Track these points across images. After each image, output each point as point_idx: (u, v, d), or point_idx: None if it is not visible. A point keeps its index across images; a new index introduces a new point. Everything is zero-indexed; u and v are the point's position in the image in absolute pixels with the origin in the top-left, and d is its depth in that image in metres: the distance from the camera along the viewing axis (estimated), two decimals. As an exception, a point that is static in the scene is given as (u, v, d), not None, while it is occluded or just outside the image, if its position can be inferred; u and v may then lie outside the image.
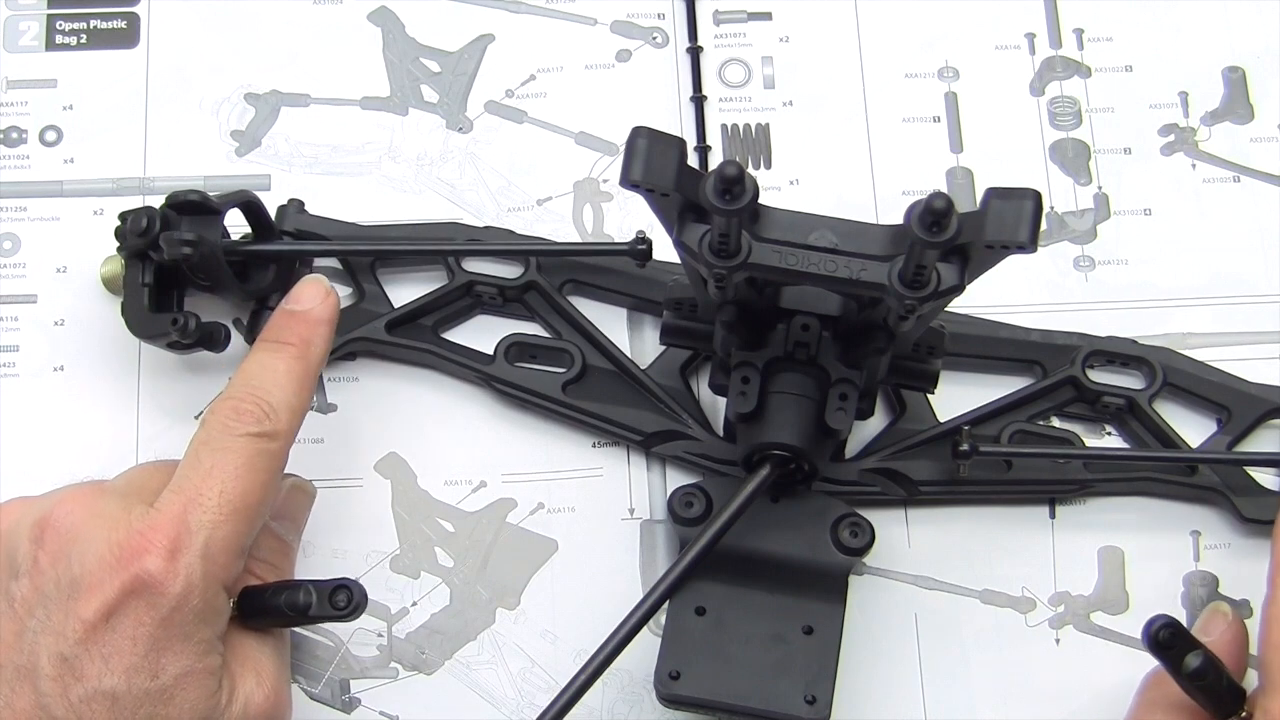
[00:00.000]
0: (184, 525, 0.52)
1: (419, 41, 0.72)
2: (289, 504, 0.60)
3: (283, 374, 0.57)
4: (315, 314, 0.59)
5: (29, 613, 0.52)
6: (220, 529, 0.53)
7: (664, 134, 0.52)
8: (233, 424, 0.55)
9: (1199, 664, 0.53)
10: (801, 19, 0.73)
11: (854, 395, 0.58)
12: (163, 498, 0.53)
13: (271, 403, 0.56)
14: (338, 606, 0.54)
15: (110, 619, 0.51)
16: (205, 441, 0.55)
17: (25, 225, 0.69)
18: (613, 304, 0.67)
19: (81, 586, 0.51)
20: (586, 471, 0.65)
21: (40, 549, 0.53)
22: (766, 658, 0.58)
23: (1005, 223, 0.51)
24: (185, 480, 0.54)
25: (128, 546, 0.52)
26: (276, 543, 0.59)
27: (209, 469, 0.54)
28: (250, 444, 0.55)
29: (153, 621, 0.51)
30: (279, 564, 0.58)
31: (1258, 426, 0.65)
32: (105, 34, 0.72)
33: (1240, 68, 0.72)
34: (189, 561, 0.52)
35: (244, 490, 0.54)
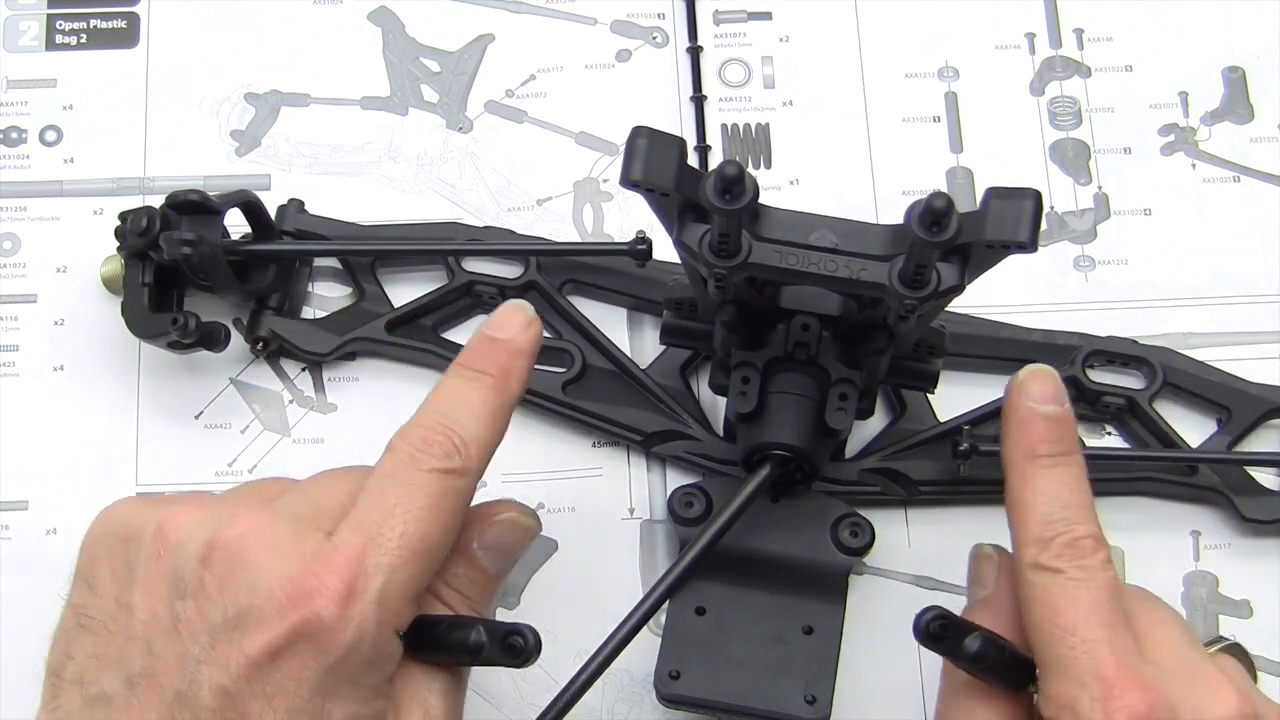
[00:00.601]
0: (361, 568, 0.49)
1: (419, 41, 0.72)
2: (505, 536, 0.55)
3: (478, 406, 0.53)
4: (517, 343, 0.55)
5: (193, 638, 0.49)
6: (398, 573, 0.50)
7: (664, 134, 0.52)
8: (420, 456, 0.52)
9: (977, 647, 0.51)
10: (801, 19, 0.73)
11: (854, 395, 0.58)
12: (341, 533, 0.50)
13: (464, 436, 0.52)
14: (511, 651, 0.51)
15: (276, 659, 0.48)
16: (391, 474, 0.51)
17: (25, 225, 0.69)
18: (613, 304, 0.67)
19: (249, 620, 0.48)
20: (586, 471, 0.65)
21: (208, 571, 0.49)
22: (766, 658, 0.58)
23: (1005, 222, 0.51)
24: (366, 515, 0.50)
25: (300, 585, 0.48)
26: (478, 574, 0.54)
27: (392, 506, 0.51)
28: (437, 481, 0.51)
29: (320, 667, 0.48)
30: (475, 597, 0.54)
31: (1258, 426, 0.65)
32: (105, 34, 0.72)
33: (1240, 68, 0.72)
34: (363, 608, 0.49)
35: (426, 532, 0.50)
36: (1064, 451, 0.54)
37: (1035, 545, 0.52)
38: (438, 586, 0.53)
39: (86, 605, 0.52)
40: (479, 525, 0.54)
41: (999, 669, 0.52)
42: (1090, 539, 0.52)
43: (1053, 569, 0.52)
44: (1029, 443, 0.54)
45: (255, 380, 0.66)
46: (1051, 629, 0.51)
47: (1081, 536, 0.52)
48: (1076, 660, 0.50)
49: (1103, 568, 0.52)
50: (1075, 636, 0.50)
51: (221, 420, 0.66)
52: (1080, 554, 0.52)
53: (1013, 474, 0.54)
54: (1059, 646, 0.51)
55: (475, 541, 0.54)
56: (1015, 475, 0.54)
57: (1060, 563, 0.52)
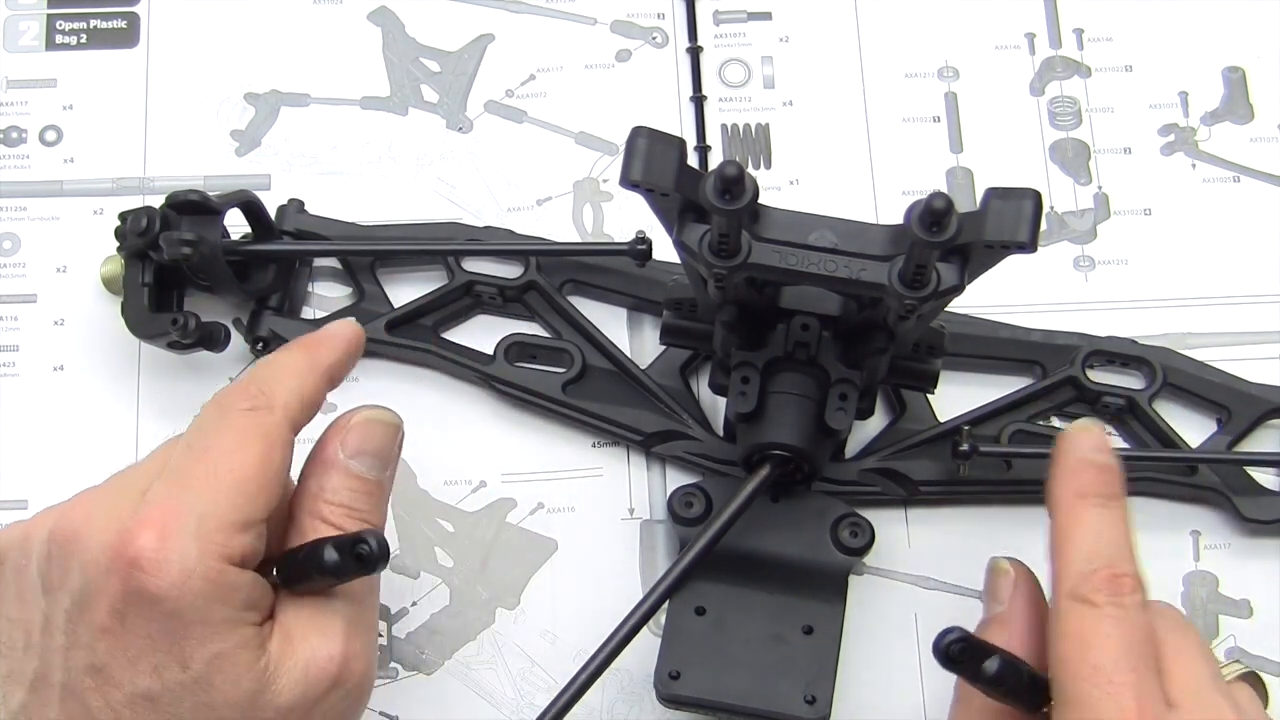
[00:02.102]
0: (171, 511, 0.51)
1: (419, 41, 0.72)
2: (365, 436, 0.56)
3: (284, 363, 0.56)
4: (332, 328, 0.58)
5: (58, 629, 0.51)
6: (213, 506, 0.51)
7: (664, 134, 0.52)
8: (225, 404, 0.54)
9: (995, 670, 0.51)
10: (801, 19, 0.73)
11: (854, 395, 0.58)
12: (154, 488, 0.52)
13: (267, 384, 0.54)
14: (360, 560, 0.51)
15: (122, 620, 0.50)
16: (198, 428, 0.54)
17: (25, 225, 0.69)
18: (613, 304, 0.67)
19: (89, 594, 0.50)
20: (586, 471, 0.65)
21: (52, 565, 0.52)
22: (766, 658, 0.58)
23: (1005, 223, 0.51)
24: (176, 466, 0.52)
25: (120, 543, 0.50)
26: (355, 482, 0.55)
27: (199, 450, 0.52)
28: (242, 418, 0.53)
29: (162, 614, 0.50)
30: (360, 505, 0.54)
31: (1258, 426, 0.65)
32: (105, 34, 0.72)
33: (1240, 68, 0.72)
34: (180, 546, 0.50)
35: (236, 463, 0.52)
36: (1111, 495, 0.54)
37: (1075, 577, 0.52)
38: (318, 507, 0.54)
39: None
40: (338, 435, 0.56)
41: (1016, 692, 0.52)
42: (1130, 578, 0.52)
43: (1090, 601, 0.52)
44: (1079, 485, 0.54)
45: (255, 380, 0.66)
46: (1080, 664, 0.51)
47: (1122, 574, 0.52)
48: (1100, 700, 0.50)
49: (1139, 609, 0.52)
50: (1102, 676, 0.50)
51: (221, 420, 0.66)
52: (1119, 590, 0.52)
53: (1058, 512, 0.54)
54: (1085, 683, 0.50)
55: (340, 452, 0.55)
56: (1060, 513, 0.54)
57: (1099, 596, 0.52)
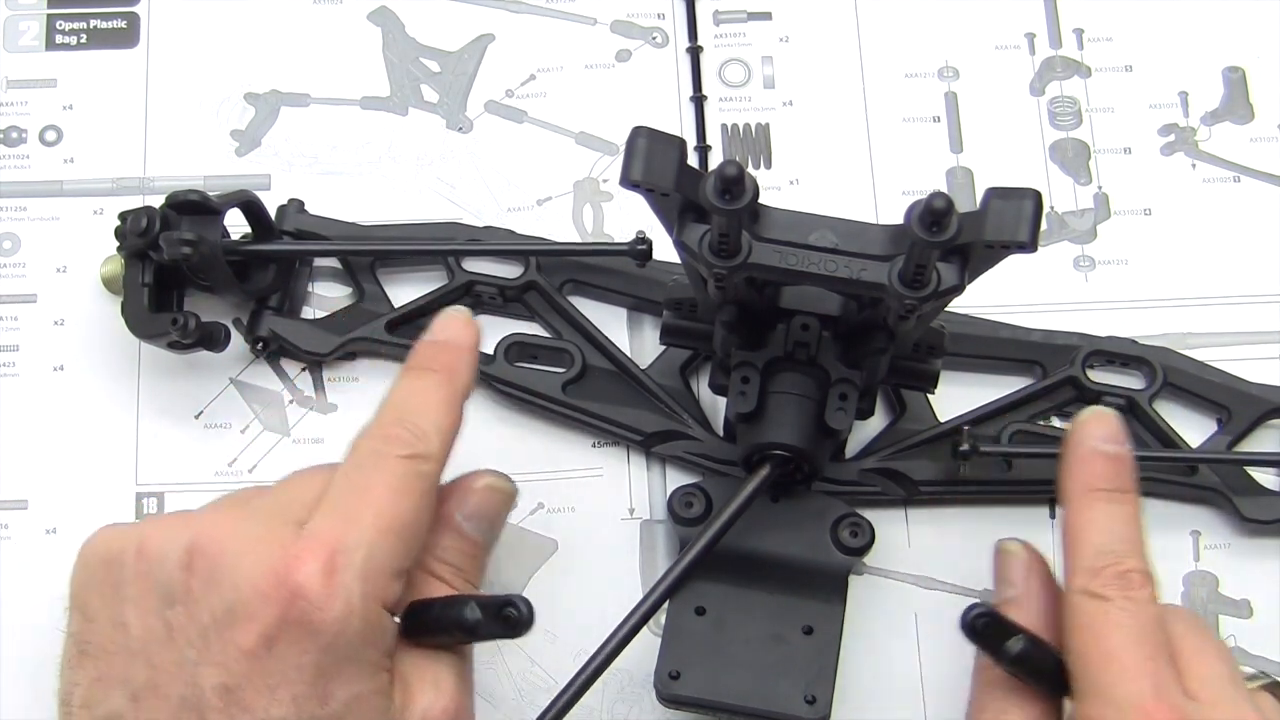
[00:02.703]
0: (339, 545, 0.50)
1: (419, 41, 0.72)
2: (483, 503, 0.57)
3: (430, 398, 0.55)
4: (458, 340, 0.57)
5: (188, 642, 0.50)
6: (377, 548, 0.51)
7: (664, 134, 0.52)
8: (383, 448, 0.53)
9: (1020, 649, 0.52)
10: (801, 19, 0.73)
11: (854, 395, 0.58)
12: (315, 519, 0.51)
13: (421, 426, 0.54)
14: (506, 622, 0.51)
15: (271, 647, 0.49)
16: (356, 465, 0.53)
17: (25, 225, 0.69)
18: (613, 304, 0.67)
19: (237, 614, 0.49)
20: (586, 471, 0.65)
21: (191, 576, 0.50)
22: (766, 658, 0.58)
23: (1005, 223, 0.51)
24: (338, 501, 0.52)
25: (281, 572, 0.49)
26: (465, 544, 0.56)
27: (362, 489, 0.52)
28: (401, 465, 0.53)
29: (315, 648, 0.49)
30: (466, 567, 0.55)
31: (1258, 426, 0.65)
32: (105, 34, 0.72)
33: (1240, 68, 0.72)
34: (346, 582, 0.49)
35: (398, 511, 0.52)
36: (1122, 489, 0.55)
37: (1086, 573, 0.53)
38: (428, 563, 0.54)
39: (83, 631, 0.52)
40: (458, 497, 0.56)
41: (1039, 673, 0.53)
42: (1139, 573, 0.53)
43: (1101, 596, 0.52)
44: (1089, 477, 0.55)
45: (255, 380, 0.66)
46: (1094, 654, 0.51)
47: (1131, 569, 0.53)
48: (1116, 688, 0.51)
49: (1149, 601, 0.52)
50: (1117, 664, 0.51)
51: (221, 420, 0.66)
52: (1128, 585, 0.52)
53: (1069, 505, 0.55)
54: (1100, 672, 0.51)
55: (457, 513, 0.56)
56: (1072, 506, 0.55)
57: (1109, 591, 0.52)
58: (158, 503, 0.64)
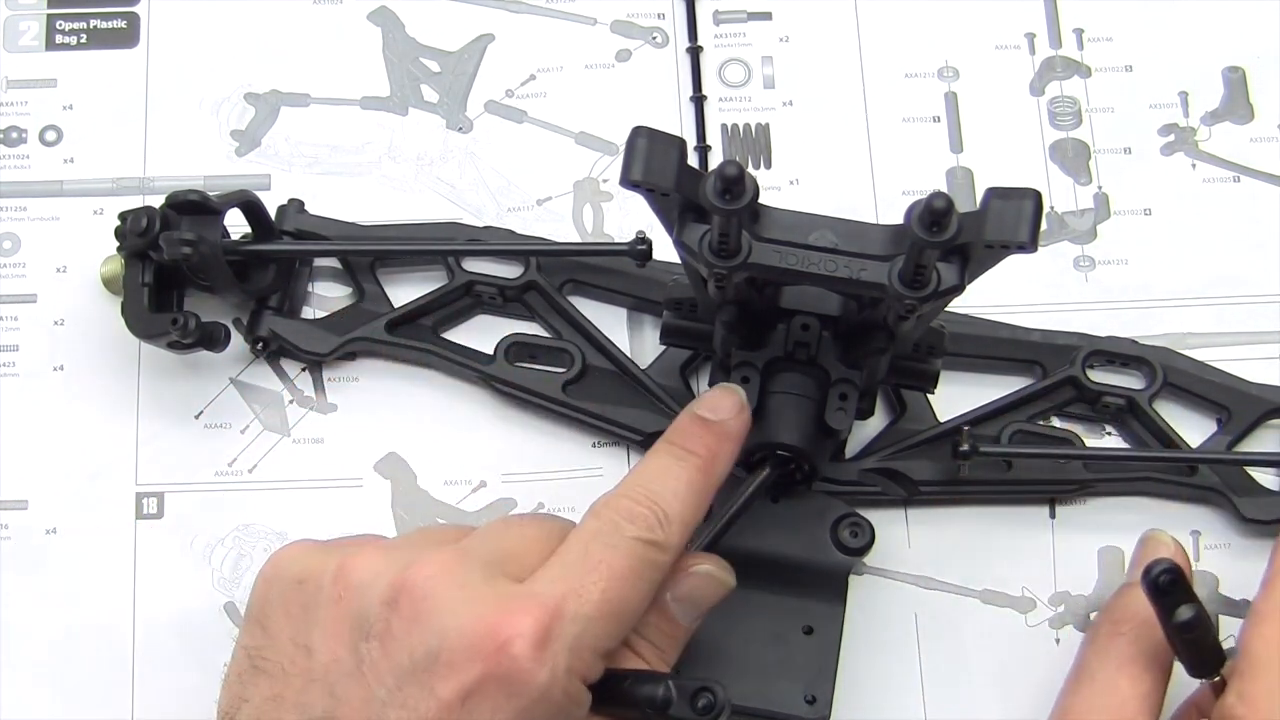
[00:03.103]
0: (559, 614, 0.49)
1: (419, 41, 0.72)
2: (699, 589, 0.55)
3: (683, 485, 0.53)
4: (728, 428, 0.55)
5: (379, 680, 0.49)
6: (595, 625, 0.50)
7: (664, 134, 0.52)
8: (624, 524, 0.52)
9: (1191, 616, 0.52)
10: (801, 19, 0.73)
11: (854, 395, 0.58)
12: (541, 580, 0.50)
13: (668, 513, 0.52)
14: (701, 710, 0.51)
15: (467, 701, 0.48)
16: (595, 534, 0.52)
17: (25, 225, 0.69)
18: (613, 304, 0.67)
19: (440, 662, 0.48)
20: (586, 471, 0.65)
21: (394, 613, 0.49)
22: (766, 658, 0.58)
23: (1005, 223, 0.51)
24: (568, 567, 0.51)
25: (495, 626, 0.48)
26: (669, 625, 0.54)
27: (595, 562, 0.51)
28: (638, 549, 0.51)
29: (511, 710, 0.48)
30: (665, 649, 0.54)
31: (1258, 426, 0.65)
32: (105, 34, 0.72)
33: (1240, 68, 0.72)
34: (557, 652, 0.49)
35: (626, 595, 0.51)
36: None
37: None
38: (632, 638, 0.53)
39: (261, 647, 0.51)
40: (674, 577, 0.54)
41: (1198, 645, 0.53)
42: None
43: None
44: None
45: (255, 380, 0.66)
46: None
47: None
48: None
49: None
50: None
51: (221, 420, 0.66)
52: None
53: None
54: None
55: (669, 593, 0.54)
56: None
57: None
58: (158, 503, 0.64)
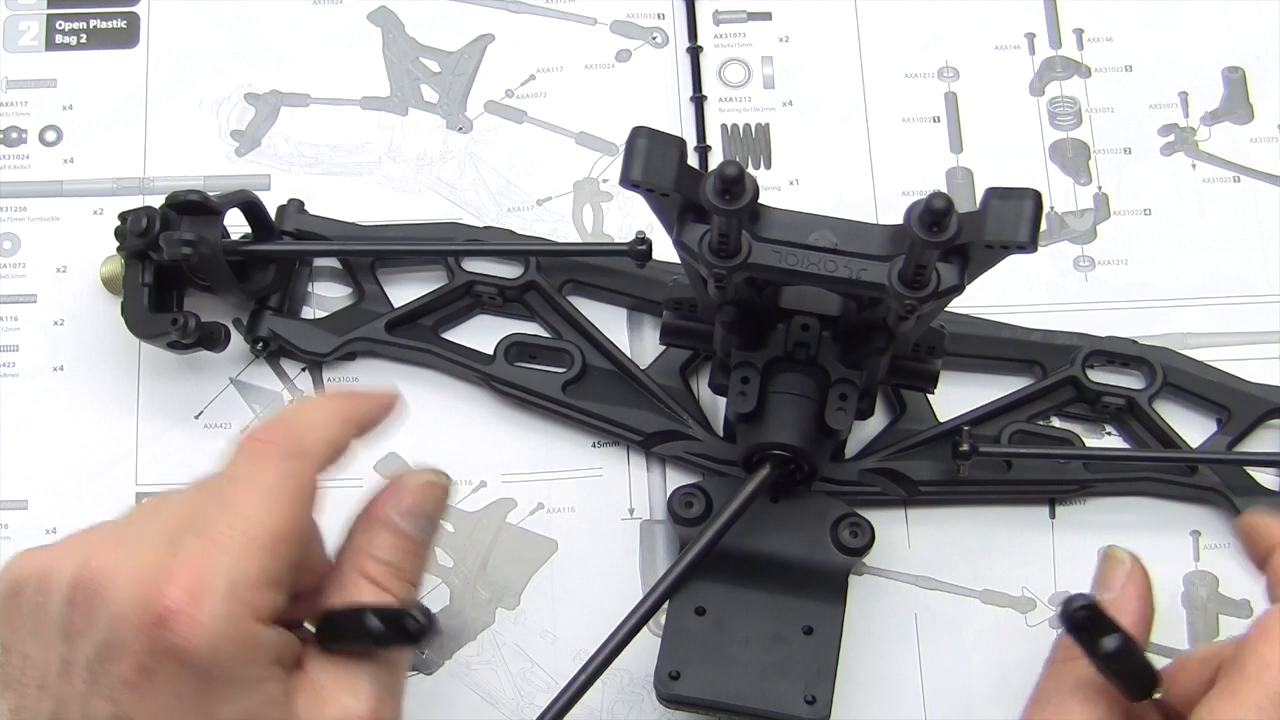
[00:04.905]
0: (204, 569, 0.49)
1: (419, 41, 0.72)
2: (421, 499, 0.55)
3: (318, 407, 0.54)
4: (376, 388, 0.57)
5: (79, 676, 0.50)
6: (243, 567, 0.50)
7: (664, 134, 0.52)
8: (256, 449, 0.52)
9: (1114, 647, 0.52)
10: (801, 19, 0.73)
11: (854, 395, 0.58)
12: (184, 541, 0.50)
13: (300, 426, 0.53)
14: (405, 634, 0.51)
15: (149, 676, 0.49)
16: (229, 474, 0.52)
17: (25, 225, 0.69)
18: (613, 304, 0.67)
19: (114, 648, 0.49)
20: (586, 471, 0.65)
21: (75, 611, 0.50)
22: (766, 658, 0.58)
23: (1005, 223, 0.51)
24: (204, 519, 0.51)
25: (148, 603, 0.49)
26: (402, 542, 0.54)
27: (229, 503, 0.51)
28: (274, 469, 0.52)
29: (191, 674, 0.49)
30: (405, 565, 0.54)
31: (1258, 426, 0.65)
32: (105, 34, 0.72)
33: (1240, 68, 0.72)
34: (213, 607, 0.49)
35: (269, 523, 0.51)
36: None
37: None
38: (363, 563, 0.53)
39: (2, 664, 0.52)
40: (393, 494, 0.55)
41: (1126, 674, 0.53)
42: None
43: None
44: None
45: (255, 380, 0.66)
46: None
47: None
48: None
49: None
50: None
51: (221, 420, 0.66)
52: None
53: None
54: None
55: (394, 511, 0.54)
56: None
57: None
58: (158, 503, 0.65)
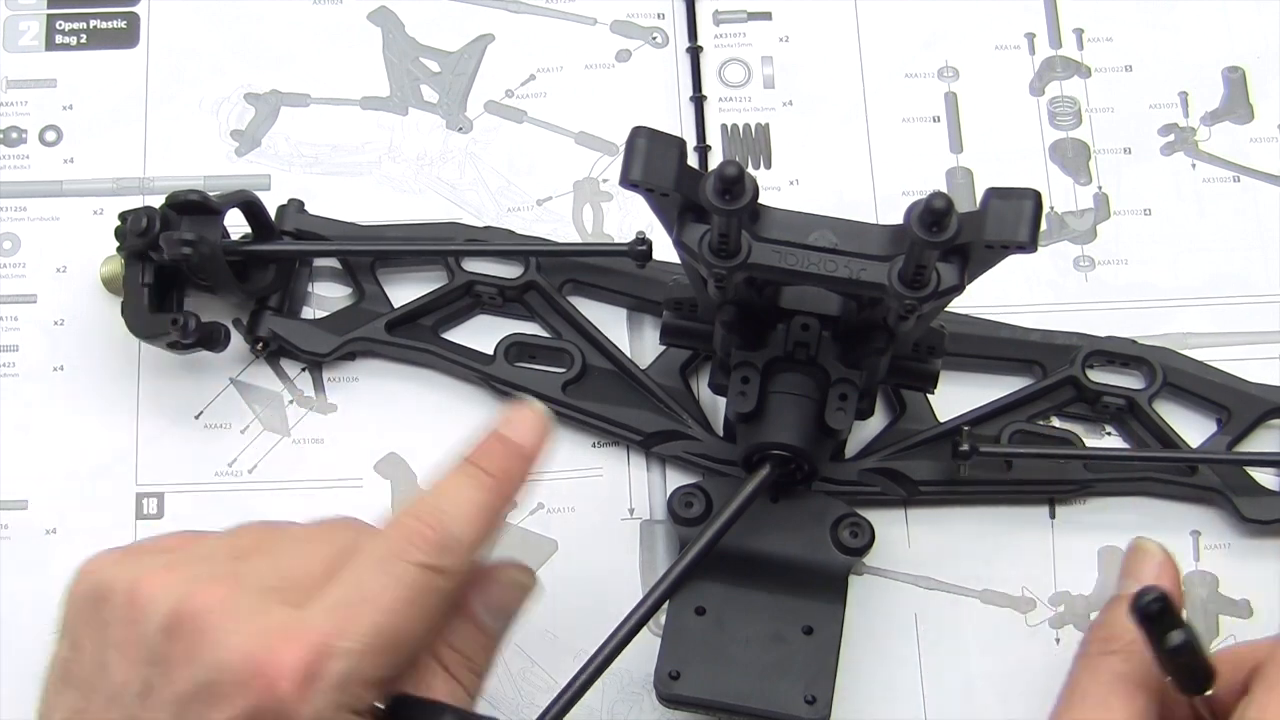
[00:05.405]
0: (326, 650, 0.48)
1: (419, 41, 0.72)
2: (506, 596, 0.54)
3: (474, 505, 0.52)
4: (525, 447, 0.54)
5: (161, 706, 0.49)
6: (364, 661, 0.49)
7: (664, 134, 0.52)
8: (408, 547, 0.51)
9: (1181, 640, 0.52)
10: (801, 19, 0.73)
11: (854, 395, 0.58)
12: (312, 611, 0.49)
13: (456, 535, 0.51)
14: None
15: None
16: (376, 560, 0.51)
17: (25, 225, 0.69)
18: (613, 304, 0.67)
19: (210, 694, 0.48)
20: (586, 471, 0.65)
21: (173, 642, 0.49)
22: (766, 658, 0.58)
23: (1005, 222, 0.51)
24: (341, 598, 0.50)
25: (263, 663, 0.48)
26: (478, 635, 0.54)
27: (370, 593, 0.50)
28: (420, 576, 0.50)
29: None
30: (475, 657, 0.53)
31: (1258, 426, 0.65)
32: (105, 34, 0.72)
33: (1240, 68, 0.72)
34: (323, 691, 0.48)
35: (400, 626, 0.50)
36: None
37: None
38: (438, 649, 0.53)
39: (69, 660, 0.52)
40: (481, 585, 0.54)
41: (1187, 669, 0.53)
42: None
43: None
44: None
45: (255, 380, 0.66)
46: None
47: None
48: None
49: None
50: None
51: (221, 420, 0.66)
52: None
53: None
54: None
55: (477, 603, 0.54)
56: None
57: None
58: (158, 503, 0.64)
